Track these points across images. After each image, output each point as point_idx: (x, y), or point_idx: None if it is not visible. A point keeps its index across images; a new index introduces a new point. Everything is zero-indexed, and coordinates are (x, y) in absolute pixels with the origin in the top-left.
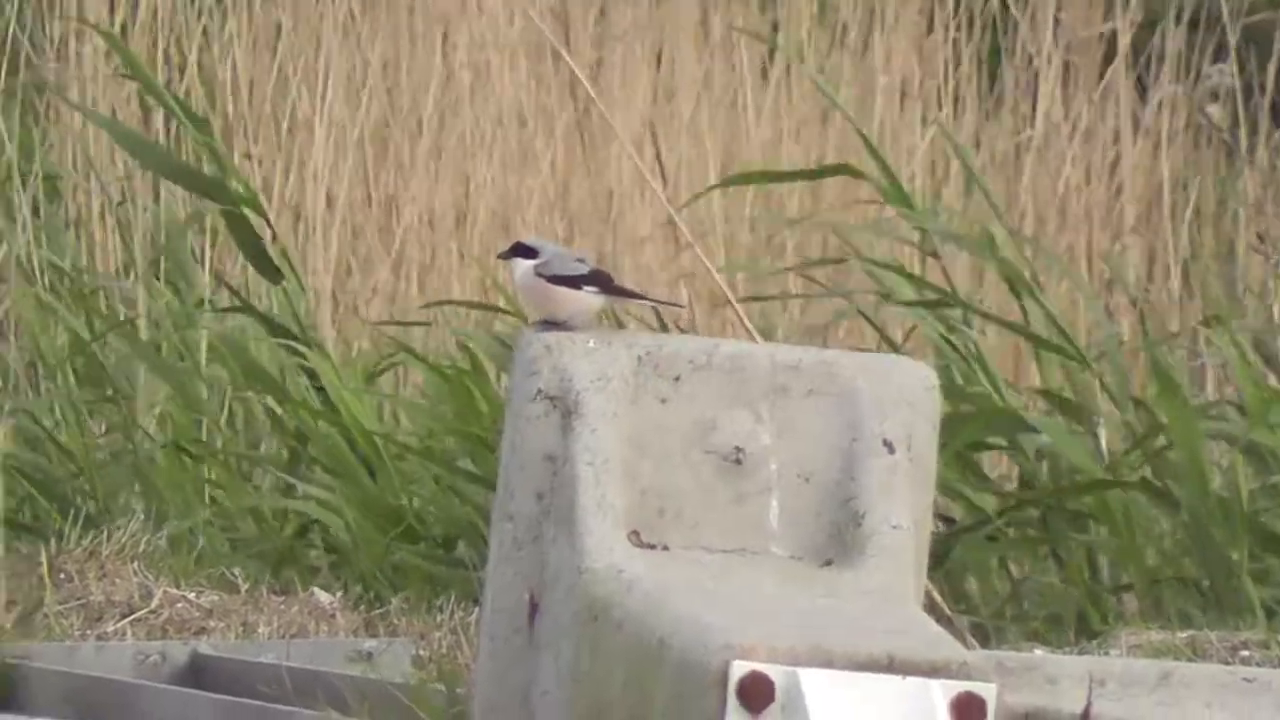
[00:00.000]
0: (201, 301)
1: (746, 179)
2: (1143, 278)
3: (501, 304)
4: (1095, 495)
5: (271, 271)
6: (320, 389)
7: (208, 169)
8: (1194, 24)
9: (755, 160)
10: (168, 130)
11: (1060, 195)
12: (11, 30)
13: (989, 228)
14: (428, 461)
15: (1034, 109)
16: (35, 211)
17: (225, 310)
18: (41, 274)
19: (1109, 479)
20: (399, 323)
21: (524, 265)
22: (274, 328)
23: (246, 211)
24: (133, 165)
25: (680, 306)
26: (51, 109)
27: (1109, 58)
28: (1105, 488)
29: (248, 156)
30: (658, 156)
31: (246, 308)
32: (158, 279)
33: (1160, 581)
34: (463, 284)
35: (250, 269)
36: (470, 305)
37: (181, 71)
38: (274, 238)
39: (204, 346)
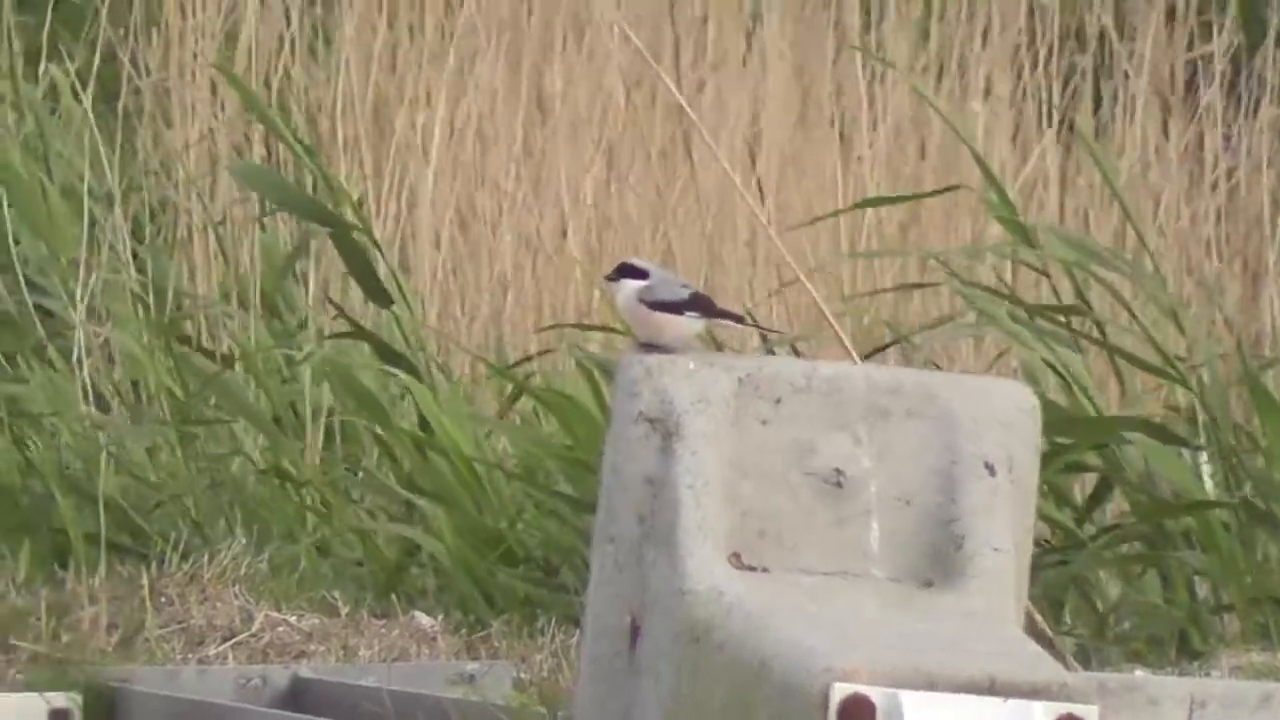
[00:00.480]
0: (298, 327)
1: (867, 204)
2: (1246, 300)
3: (612, 324)
4: (1197, 516)
5: (383, 297)
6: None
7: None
8: None
9: (852, 183)
10: (269, 154)
11: (1159, 218)
12: (102, 42)
13: (1091, 242)
14: (528, 485)
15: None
16: (135, 236)
17: (338, 336)
18: (149, 296)
19: (1210, 499)
20: (518, 363)
21: (628, 289)
22: (386, 353)
23: (358, 237)
24: (232, 189)
25: (779, 333)
26: (149, 131)
27: (1207, 79)
28: (1206, 508)
29: (344, 180)
30: (757, 184)
31: (362, 333)
32: (261, 304)
33: (1262, 602)
34: (561, 306)
35: (350, 294)
36: (582, 328)
37: (282, 96)
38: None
39: (309, 373)
